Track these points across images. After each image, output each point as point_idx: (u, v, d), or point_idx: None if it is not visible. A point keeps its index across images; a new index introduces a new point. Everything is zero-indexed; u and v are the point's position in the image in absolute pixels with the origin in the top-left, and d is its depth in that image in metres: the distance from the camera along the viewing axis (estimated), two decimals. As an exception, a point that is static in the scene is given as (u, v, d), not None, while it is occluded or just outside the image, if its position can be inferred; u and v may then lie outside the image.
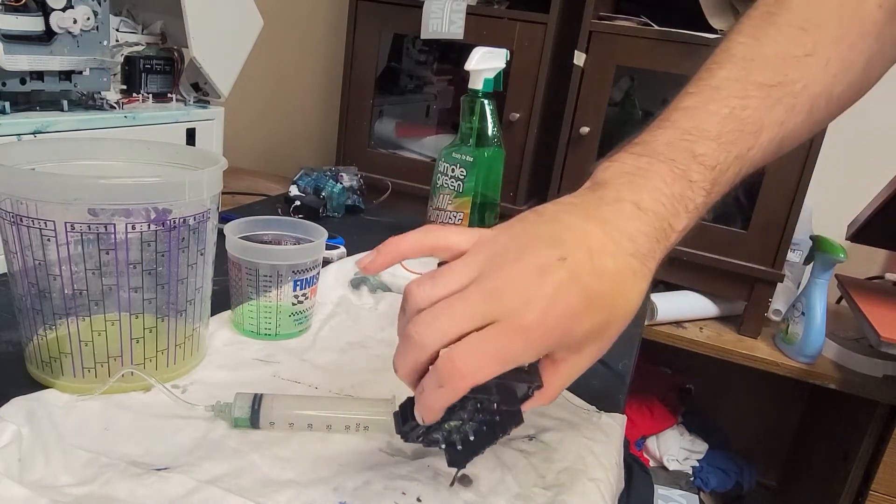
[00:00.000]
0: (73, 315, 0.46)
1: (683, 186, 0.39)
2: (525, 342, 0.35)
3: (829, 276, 1.17)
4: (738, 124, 0.40)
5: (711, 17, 1.15)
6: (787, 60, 0.41)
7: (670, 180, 0.39)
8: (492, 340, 0.35)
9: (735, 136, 0.40)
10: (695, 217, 0.40)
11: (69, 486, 0.38)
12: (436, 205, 0.86)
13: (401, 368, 0.38)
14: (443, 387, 0.35)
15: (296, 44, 1.78)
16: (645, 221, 0.38)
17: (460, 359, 0.35)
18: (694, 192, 0.39)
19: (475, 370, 0.35)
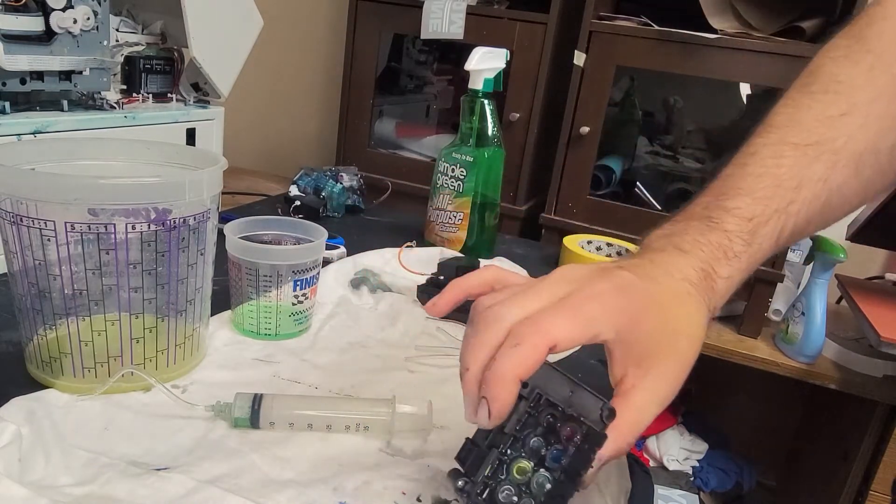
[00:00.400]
0: (73, 315, 0.46)
1: (720, 236, 0.40)
2: (601, 305, 0.35)
3: (829, 276, 1.17)
4: (774, 180, 0.41)
5: (711, 17, 1.15)
6: (822, 121, 0.42)
7: (706, 230, 0.40)
8: (569, 302, 0.35)
9: (771, 191, 0.41)
10: (739, 267, 0.40)
11: (69, 486, 0.38)
12: (436, 205, 0.86)
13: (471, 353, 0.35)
14: (519, 344, 0.33)
15: (296, 44, 1.78)
16: (688, 261, 0.39)
17: (539, 316, 0.34)
18: (731, 241, 0.40)
19: (553, 325, 0.34)
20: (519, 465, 0.35)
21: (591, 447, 0.34)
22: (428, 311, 0.42)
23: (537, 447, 0.35)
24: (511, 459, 0.35)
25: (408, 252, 0.79)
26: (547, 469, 0.35)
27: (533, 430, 0.35)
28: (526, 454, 0.35)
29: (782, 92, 0.46)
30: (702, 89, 1.49)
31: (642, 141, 1.56)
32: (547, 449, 0.35)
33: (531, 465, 0.35)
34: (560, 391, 0.35)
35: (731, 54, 1.15)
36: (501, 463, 0.35)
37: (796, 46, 1.11)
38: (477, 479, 0.35)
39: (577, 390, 0.35)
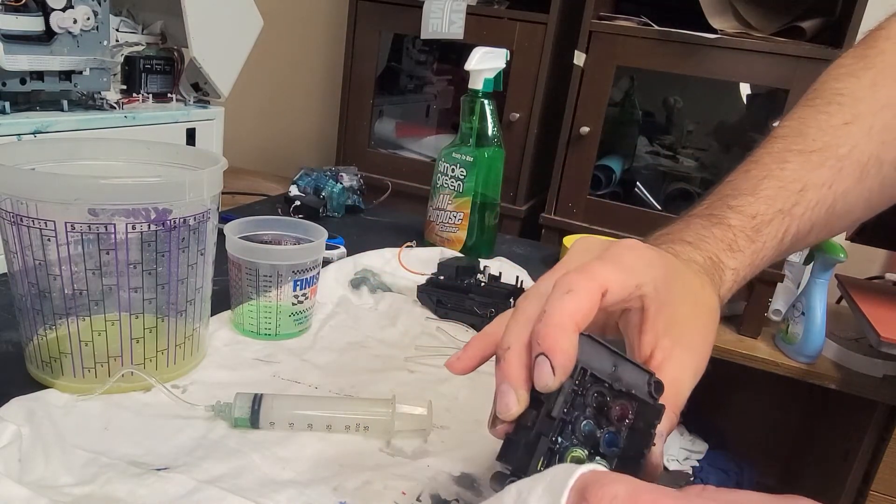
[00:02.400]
0: (73, 315, 0.46)
1: (723, 230, 0.40)
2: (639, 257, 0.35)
3: (829, 276, 1.17)
4: (778, 182, 0.41)
5: (711, 17, 1.15)
6: (826, 130, 0.42)
7: (709, 225, 0.40)
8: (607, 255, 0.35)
9: (775, 191, 0.41)
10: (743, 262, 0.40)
11: (69, 486, 0.38)
12: (436, 205, 0.86)
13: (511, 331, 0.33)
14: (572, 290, 0.31)
15: (296, 44, 1.78)
16: (692, 250, 0.39)
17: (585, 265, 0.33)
18: (735, 236, 0.40)
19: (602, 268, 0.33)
20: (573, 454, 0.30)
21: (650, 423, 0.31)
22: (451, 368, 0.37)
23: (590, 431, 0.31)
24: (563, 448, 0.30)
25: (408, 252, 0.79)
26: (603, 456, 0.31)
27: (582, 412, 0.31)
28: (578, 440, 0.31)
29: (783, 91, 0.47)
30: (702, 89, 1.49)
31: (642, 141, 1.56)
32: (600, 432, 0.31)
33: (586, 453, 0.31)
34: (604, 365, 0.32)
35: (731, 54, 1.15)
36: (553, 453, 0.30)
37: (796, 46, 1.11)
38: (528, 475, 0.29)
39: (619, 362, 0.32)
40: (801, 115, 0.44)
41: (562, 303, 0.31)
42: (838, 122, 0.42)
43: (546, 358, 0.30)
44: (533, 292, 0.35)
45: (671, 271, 0.36)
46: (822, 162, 0.41)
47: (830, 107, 0.43)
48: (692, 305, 0.36)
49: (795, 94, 1.12)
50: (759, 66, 1.14)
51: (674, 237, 0.40)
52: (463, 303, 0.67)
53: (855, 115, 0.42)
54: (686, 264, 0.38)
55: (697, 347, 0.36)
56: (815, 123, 0.43)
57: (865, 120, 0.42)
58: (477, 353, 0.36)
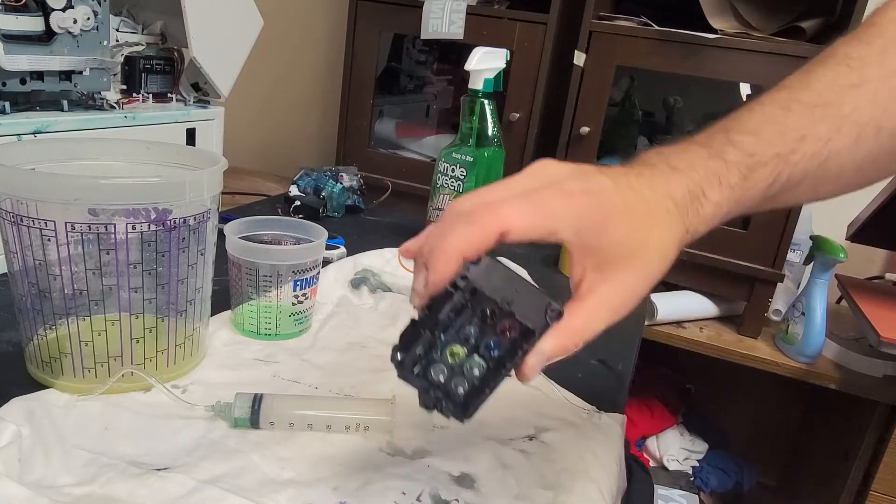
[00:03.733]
0: (73, 315, 0.46)
1: (718, 164, 0.40)
2: (564, 204, 0.35)
3: (829, 276, 1.17)
4: (779, 126, 0.41)
5: (711, 18, 1.15)
6: (832, 88, 0.43)
7: (705, 156, 0.40)
8: (532, 195, 0.35)
9: (775, 135, 0.41)
10: (730, 198, 0.40)
11: (69, 486, 0.38)
12: (436, 205, 0.86)
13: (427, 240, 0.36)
14: (469, 224, 0.34)
15: (296, 44, 1.78)
16: (677, 180, 0.38)
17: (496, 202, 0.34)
18: (729, 171, 0.39)
19: (509, 211, 0.34)
20: (452, 349, 0.36)
21: (523, 342, 0.36)
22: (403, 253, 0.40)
23: (470, 335, 0.36)
24: (445, 343, 0.36)
25: (408, 252, 0.79)
26: (481, 356, 0.36)
27: (468, 321, 0.36)
28: (459, 340, 0.36)
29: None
30: (702, 89, 1.49)
31: (642, 141, 1.56)
32: (482, 338, 0.36)
33: (464, 351, 0.36)
34: (504, 288, 0.36)
35: (731, 54, 1.14)
36: (434, 345, 0.36)
37: (796, 46, 1.11)
38: (408, 356, 0.36)
39: (523, 289, 0.36)
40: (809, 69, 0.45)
41: (456, 233, 0.34)
42: (845, 83, 0.43)
43: (425, 269, 0.35)
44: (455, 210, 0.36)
45: (610, 218, 0.36)
46: (824, 117, 0.42)
47: (839, 67, 0.44)
48: (636, 247, 0.37)
49: (795, 94, 1.11)
50: (759, 66, 1.14)
51: (663, 159, 0.40)
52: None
53: (862, 78, 0.43)
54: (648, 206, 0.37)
55: (628, 285, 0.37)
56: (824, 80, 0.43)
57: (871, 85, 0.43)
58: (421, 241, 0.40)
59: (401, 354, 0.36)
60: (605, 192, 0.36)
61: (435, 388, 0.36)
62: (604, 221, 0.36)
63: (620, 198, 0.37)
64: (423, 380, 0.36)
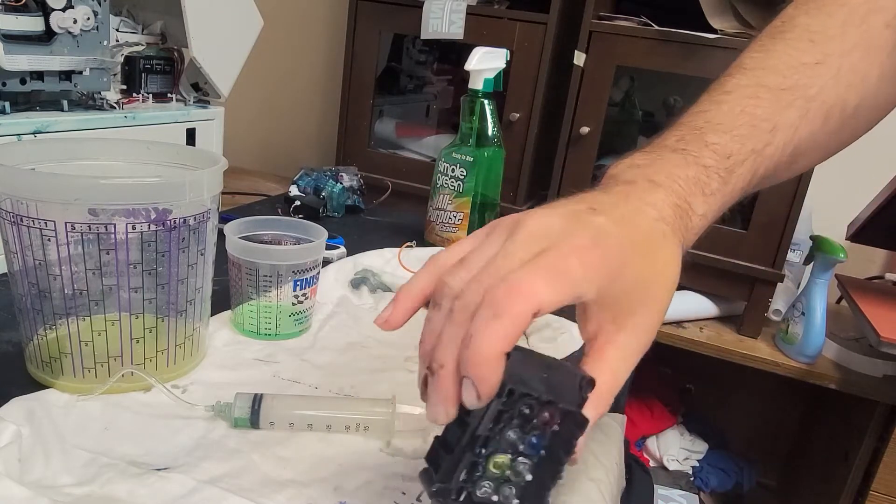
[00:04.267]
0: (73, 315, 0.46)
1: (697, 171, 0.38)
2: (581, 263, 0.32)
3: (829, 276, 1.17)
4: (751, 119, 0.40)
5: (711, 17, 1.15)
6: (797, 68, 0.42)
7: (683, 164, 0.38)
8: (547, 260, 0.31)
9: (748, 130, 0.40)
10: (714, 206, 0.39)
11: (69, 486, 0.38)
12: (436, 205, 0.86)
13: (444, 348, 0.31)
14: (500, 316, 0.30)
15: (296, 44, 1.78)
16: (664, 196, 0.37)
17: (517, 277, 0.30)
18: (709, 177, 0.38)
19: (535, 288, 0.30)
20: (496, 461, 0.32)
21: (572, 430, 0.32)
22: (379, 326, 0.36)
23: (514, 440, 0.32)
24: (486, 456, 0.32)
25: (408, 252, 0.79)
26: (526, 456, 0.32)
27: (508, 424, 0.32)
28: (502, 449, 0.32)
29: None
30: (702, 89, 1.48)
31: (642, 141, 1.56)
32: (524, 438, 0.32)
33: (508, 458, 0.32)
34: (534, 376, 0.32)
35: (731, 54, 1.14)
36: (476, 465, 0.32)
37: (796, 46, 1.11)
38: (452, 486, 0.32)
39: (551, 370, 0.33)
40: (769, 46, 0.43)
41: (487, 330, 0.30)
42: (809, 59, 0.42)
43: (472, 383, 0.30)
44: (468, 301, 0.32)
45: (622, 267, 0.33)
46: (792, 102, 0.41)
47: (801, 42, 0.43)
48: (646, 287, 0.35)
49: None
50: (759, 66, 1.14)
51: (644, 175, 0.38)
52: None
53: (826, 54, 0.42)
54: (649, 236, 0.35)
55: (645, 326, 0.35)
56: (786, 58, 0.42)
57: (835, 61, 0.42)
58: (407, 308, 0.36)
59: (438, 487, 0.32)
60: (610, 235, 0.34)
61: None
62: (618, 270, 0.33)
63: (623, 237, 0.34)
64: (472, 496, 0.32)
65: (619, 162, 0.40)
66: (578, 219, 0.34)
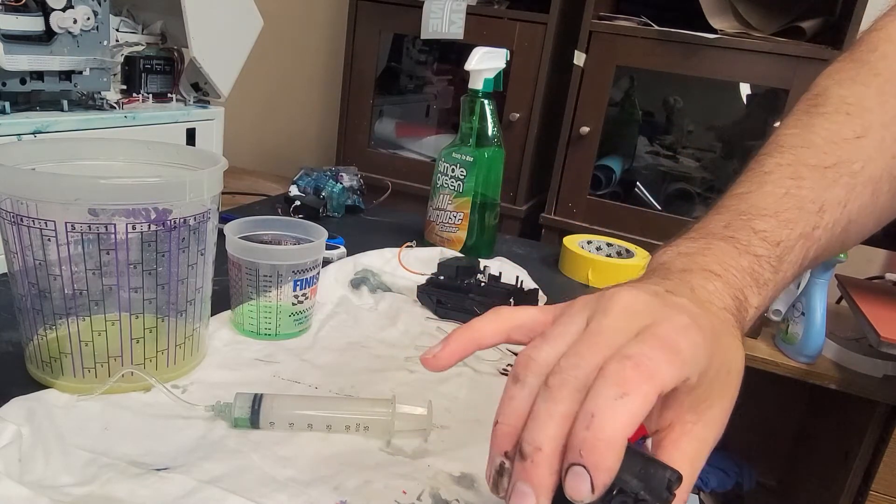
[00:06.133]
0: (73, 315, 0.46)
1: (750, 260, 0.37)
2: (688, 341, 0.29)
3: (829, 276, 1.17)
4: (797, 202, 0.39)
5: (711, 18, 1.15)
6: (838, 143, 0.40)
7: (735, 254, 0.37)
8: (659, 336, 0.29)
9: (795, 213, 0.38)
10: (766, 297, 0.37)
11: (69, 486, 0.38)
12: (436, 205, 0.86)
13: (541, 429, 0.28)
14: (629, 395, 0.27)
15: (296, 44, 1.78)
16: (724, 287, 0.35)
17: (641, 352, 0.28)
18: (762, 267, 0.37)
19: (659, 366, 0.28)
20: None
21: None
22: (426, 364, 0.34)
23: None
24: None
25: (408, 252, 0.79)
26: None
27: None
28: None
29: (783, 91, 0.45)
30: (702, 89, 1.49)
31: (642, 141, 1.56)
32: None
33: None
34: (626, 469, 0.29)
35: (731, 54, 1.15)
36: None
37: (796, 46, 1.11)
38: None
39: (644, 463, 0.30)
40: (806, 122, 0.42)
41: (615, 411, 0.27)
42: (850, 134, 0.41)
43: (586, 472, 0.27)
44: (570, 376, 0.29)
45: (715, 348, 0.31)
46: (837, 179, 0.40)
47: (839, 116, 0.41)
48: (724, 376, 0.33)
49: (795, 94, 1.12)
50: (759, 66, 1.14)
51: (698, 264, 0.36)
52: (463, 303, 0.67)
53: (866, 127, 0.41)
54: (722, 322, 0.34)
55: (720, 419, 0.33)
56: (826, 134, 0.41)
57: (876, 133, 0.41)
58: (458, 351, 0.34)
59: None
60: (700, 317, 0.32)
61: None
62: (711, 357, 0.31)
63: (709, 322, 0.32)
64: None
65: (664, 250, 0.39)
66: (666, 299, 0.32)
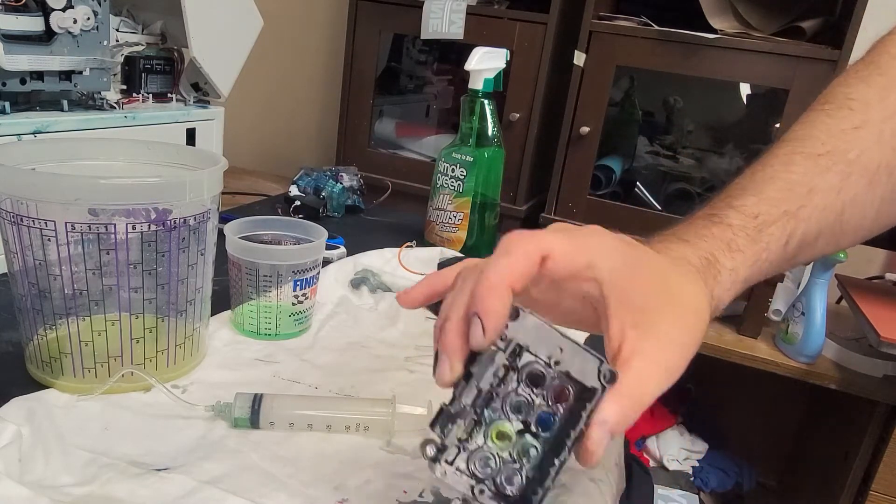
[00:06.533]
0: (73, 315, 0.46)
1: (722, 229, 0.39)
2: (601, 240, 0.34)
3: (829, 276, 1.17)
4: (784, 184, 0.40)
5: (711, 18, 1.15)
6: (835, 134, 0.41)
7: (709, 224, 0.39)
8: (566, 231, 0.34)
9: (780, 193, 0.40)
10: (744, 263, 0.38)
11: (69, 486, 0.38)
12: (436, 205, 0.86)
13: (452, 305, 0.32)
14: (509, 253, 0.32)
15: (296, 44, 1.78)
16: (689, 248, 0.38)
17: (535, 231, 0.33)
18: (735, 235, 0.38)
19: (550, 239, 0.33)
20: (499, 429, 0.30)
21: (582, 407, 0.30)
22: (399, 299, 0.38)
23: (519, 405, 0.30)
24: (489, 422, 0.30)
25: (408, 252, 0.79)
26: (534, 435, 0.30)
27: (515, 389, 0.31)
28: (507, 415, 0.30)
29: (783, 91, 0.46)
30: (702, 89, 1.49)
31: (642, 141, 1.56)
32: (532, 410, 0.30)
33: (514, 430, 0.30)
34: (548, 347, 0.31)
35: (731, 54, 1.15)
36: (478, 424, 0.30)
37: (796, 46, 1.11)
38: (448, 443, 0.30)
39: (568, 348, 0.31)
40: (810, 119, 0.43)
41: (496, 264, 0.31)
42: (847, 126, 0.41)
43: (478, 319, 0.30)
44: (475, 264, 0.34)
45: (640, 263, 0.35)
46: (830, 166, 0.40)
47: (841, 111, 0.42)
48: (673, 300, 0.34)
49: (795, 94, 1.12)
50: (759, 66, 1.14)
51: (671, 236, 0.39)
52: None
53: (865, 120, 0.41)
54: (673, 262, 0.36)
55: (673, 342, 0.34)
56: (824, 127, 0.42)
57: (875, 126, 0.41)
58: (426, 291, 0.37)
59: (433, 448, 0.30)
60: (634, 244, 0.36)
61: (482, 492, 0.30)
62: (635, 267, 0.34)
63: (647, 253, 0.36)
64: (468, 475, 0.30)
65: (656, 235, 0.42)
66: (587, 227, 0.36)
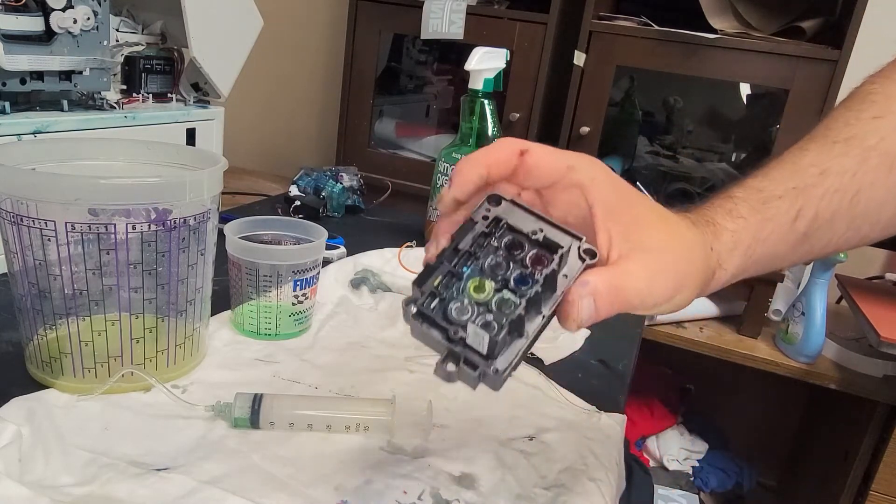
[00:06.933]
0: (73, 315, 0.46)
1: (723, 199, 0.40)
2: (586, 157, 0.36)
3: (829, 276, 1.17)
4: (793, 166, 0.40)
5: (711, 18, 1.15)
6: (852, 123, 0.41)
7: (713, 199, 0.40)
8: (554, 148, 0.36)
9: (787, 173, 0.40)
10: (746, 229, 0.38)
11: (69, 486, 0.38)
12: (436, 205, 0.86)
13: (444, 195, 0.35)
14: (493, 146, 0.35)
15: (296, 44, 1.78)
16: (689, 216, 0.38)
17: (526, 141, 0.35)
18: (736, 204, 0.39)
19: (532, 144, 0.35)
20: (476, 283, 0.32)
21: (561, 269, 0.32)
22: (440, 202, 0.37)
23: (495, 264, 0.32)
24: (467, 277, 0.32)
25: (408, 252, 0.79)
26: (513, 292, 0.31)
27: (493, 251, 0.32)
28: (485, 272, 0.32)
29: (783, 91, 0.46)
30: (702, 89, 1.49)
31: (642, 141, 1.56)
32: (510, 270, 0.32)
33: (493, 285, 0.32)
34: (529, 225, 0.33)
35: (731, 54, 1.14)
36: (454, 276, 0.32)
37: (796, 46, 1.11)
38: (424, 288, 0.31)
39: (547, 226, 0.33)
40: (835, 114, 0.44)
41: (479, 152, 0.35)
42: (867, 116, 0.41)
43: (450, 182, 0.35)
44: None
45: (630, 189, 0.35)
46: (847, 151, 0.40)
47: (862, 104, 0.42)
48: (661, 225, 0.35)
49: (795, 94, 1.12)
50: (759, 66, 1.14)
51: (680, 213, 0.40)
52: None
53: (885, 111, 0.41)
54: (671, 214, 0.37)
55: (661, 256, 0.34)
56: (843, 119, 0.42)
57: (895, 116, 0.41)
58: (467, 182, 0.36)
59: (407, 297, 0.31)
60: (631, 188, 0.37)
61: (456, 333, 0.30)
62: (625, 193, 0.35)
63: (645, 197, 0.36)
64: (443, 323, 0.31)
65: None
66: None
